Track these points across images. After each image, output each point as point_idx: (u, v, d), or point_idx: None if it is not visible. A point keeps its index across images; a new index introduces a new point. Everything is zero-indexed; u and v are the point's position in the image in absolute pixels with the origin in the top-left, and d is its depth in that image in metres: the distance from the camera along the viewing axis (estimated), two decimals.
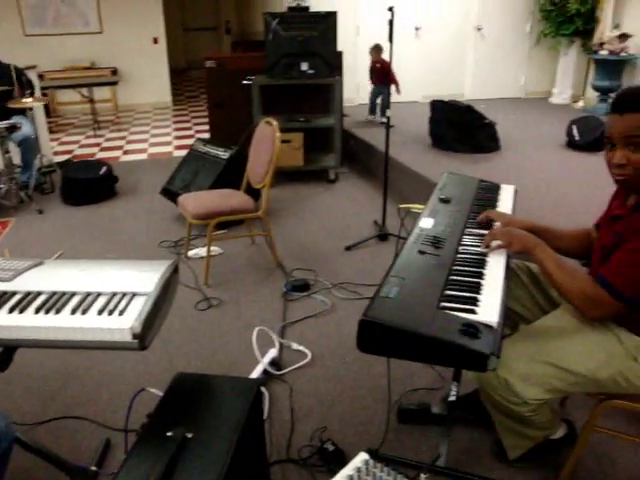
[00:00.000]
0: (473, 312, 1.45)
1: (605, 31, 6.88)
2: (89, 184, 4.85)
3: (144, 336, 1.37)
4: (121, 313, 1.41)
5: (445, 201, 2.20)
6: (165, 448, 1.29)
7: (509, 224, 1.94)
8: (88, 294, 1.51)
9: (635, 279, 1.54)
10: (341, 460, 1.99)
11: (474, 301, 1.51)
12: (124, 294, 1.50)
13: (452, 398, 1.92)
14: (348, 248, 3.81)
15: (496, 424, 1.90)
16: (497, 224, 1.98)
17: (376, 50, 5.94)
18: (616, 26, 6.92)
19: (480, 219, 2.03)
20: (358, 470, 1.27)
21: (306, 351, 2.67)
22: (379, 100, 6.35)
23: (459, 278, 1.64)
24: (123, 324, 1.37)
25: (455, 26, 7.79)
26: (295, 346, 2.71)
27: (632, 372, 1.63)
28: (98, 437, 2.14)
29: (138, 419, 1.48)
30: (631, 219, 1.58)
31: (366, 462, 1.30)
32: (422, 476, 1.27)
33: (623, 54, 6.64)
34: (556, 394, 1.72)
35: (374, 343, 1.44)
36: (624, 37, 6.63)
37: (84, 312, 1.43)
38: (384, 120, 6.45)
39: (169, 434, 1.34)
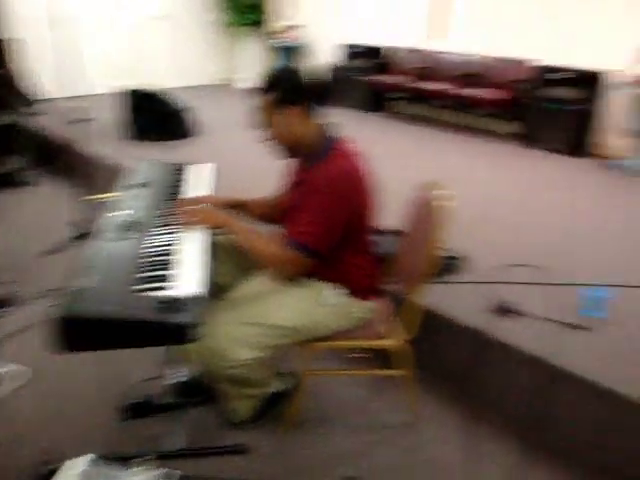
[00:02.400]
0: (169, 288, 1.46)
1: (278, 21, 7.54)
2: None
3: None
4: None
5: (136, 187, 2.15)
6: None
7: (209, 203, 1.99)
8: None
9: (317, 232, 1.72)
10: None
11: (168, 278, 1.52)
12: None
13: (171, 381, 1.92)
14: (48, 253, 3.48)
15: (220, 393, 1.97)
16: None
17: None
18: (286, 17, 7.62)
19: (177, 209, 1.98)
20: None
21: (25, 368, 2.39)
22: None
23: (150, 259, 1.63)
24: None
25: (141, 15, 7.61)
26: (10, 367, 2.39)
27: (321, 316, 1.85)
28: None
29: None
30: (309, 181, 1.77)
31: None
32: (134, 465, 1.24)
33: (295, 42, 7.38)
34: (267, 351, 1.83)
35: (77, 339, 1.36)
36: (293, 27, 7.37)
37: None
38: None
39: None
